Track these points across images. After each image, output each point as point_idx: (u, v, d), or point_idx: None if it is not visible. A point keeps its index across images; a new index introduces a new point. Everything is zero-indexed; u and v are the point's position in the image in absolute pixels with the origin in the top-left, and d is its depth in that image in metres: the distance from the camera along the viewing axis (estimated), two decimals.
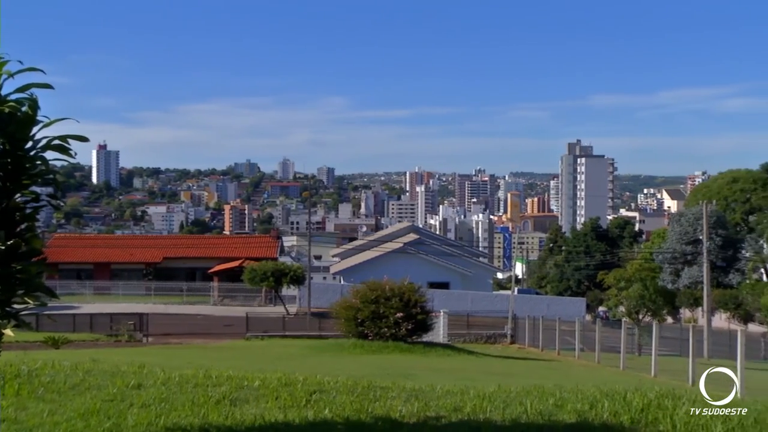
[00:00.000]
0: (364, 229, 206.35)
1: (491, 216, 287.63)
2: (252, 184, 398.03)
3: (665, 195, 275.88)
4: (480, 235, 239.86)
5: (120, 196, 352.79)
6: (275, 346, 25.47)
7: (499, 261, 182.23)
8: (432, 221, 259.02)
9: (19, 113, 4.50)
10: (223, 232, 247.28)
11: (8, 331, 4.75)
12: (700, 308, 48.82)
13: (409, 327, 22.37)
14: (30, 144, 4.59)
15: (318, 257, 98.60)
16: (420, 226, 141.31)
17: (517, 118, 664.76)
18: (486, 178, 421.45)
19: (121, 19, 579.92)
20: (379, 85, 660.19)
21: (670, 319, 47.47)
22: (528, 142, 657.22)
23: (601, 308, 63.45)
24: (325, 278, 78.75)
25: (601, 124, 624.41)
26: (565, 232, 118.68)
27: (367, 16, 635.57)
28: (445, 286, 55.98)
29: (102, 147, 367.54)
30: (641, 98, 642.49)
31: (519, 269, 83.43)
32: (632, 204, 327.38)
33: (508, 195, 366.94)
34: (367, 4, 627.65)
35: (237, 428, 6.04)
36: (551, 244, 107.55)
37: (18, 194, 4.61)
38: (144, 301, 49.81)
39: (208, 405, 6.94)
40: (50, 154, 4.69)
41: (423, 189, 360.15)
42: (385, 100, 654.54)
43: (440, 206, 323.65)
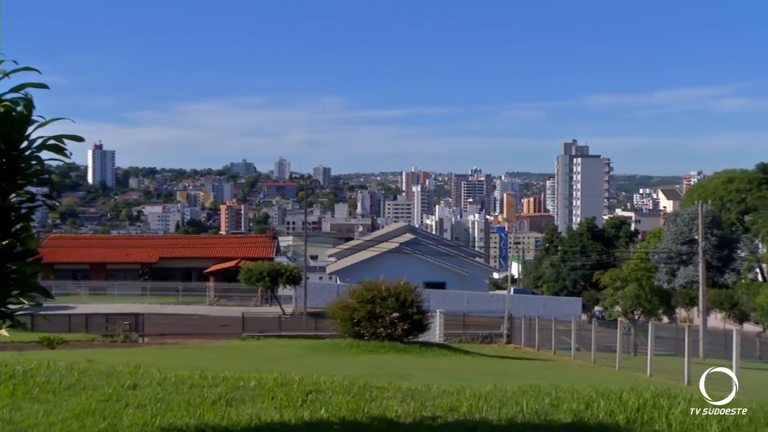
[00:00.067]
0: (361, 229, 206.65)
1: (487, 216, 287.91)
2: (248, 184, 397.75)
3: (661, 195, 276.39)
4: (476, 235, 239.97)
5: (116, 196, 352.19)
6: (271, 346, 25.44)
7: (495, 261, 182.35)
8: (428, 221, 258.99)
9: (14, 113, 4.48)
10: (219, 232, 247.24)
11: (3, 332, 4.73)
12: (695, 308, 48.91)
13: (405, 327, 22.37)
14: (25, 144, 4.57)
15: (314, 257, 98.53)
16: (416, 226, 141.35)
17: (513, 118, 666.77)
18: (482, 178, 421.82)
19: (118, 19, 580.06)
20: (375, 85, 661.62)
21: (665, 319, 47.55)
22: (524, 142, 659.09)
23: (597, 308, 63.54)
24: (321, 278, 78.73)
25: (597, 124, 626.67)
26: (561, 232, 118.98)
27: (364, 17, 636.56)
28: (441, 286, 56.01)
29: (98, 147, 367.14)
30: (637, 98, 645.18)
31: (515, 269, 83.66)
32: (628, 204, 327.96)
33: (504, 195, 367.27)
34: (364, 4, 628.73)
35: (233, 428, 6.03)
36: (547, 244, 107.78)
37: (13, 194, 4.60)
38: (140, 301, 49.76)
39: (204, 405, 6.93)
40: (45, 154, 4.68)
41: (419, 189, 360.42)
42: (381, 100, 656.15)
43: (436, 206, 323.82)
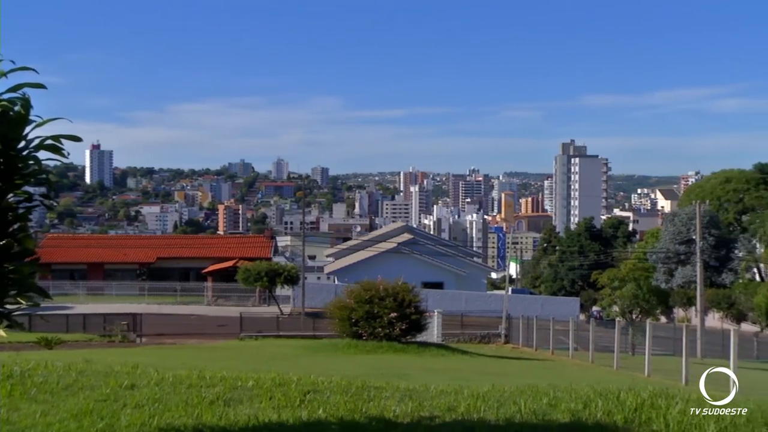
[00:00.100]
0: (358, 229, 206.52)
1: (485, 216, 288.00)
2: (246, 184, 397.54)
3: (659, 195, 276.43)
4: (474, 235, 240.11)
5: (113, 196, 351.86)
6: (269, 346, 25.43)
7: (493, 261, 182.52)
8: (426, 221, 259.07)
9: (11, 113, 4.48)
10: (217, 232, 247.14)
11: (1, 332, 4.73)
12: (693, 308, 48.97)
13: (403, 327, 22.35)
14: (22, 144, 4.57)
15: (312, 257, 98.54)
16: (414, 226, 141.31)
17: (511, 118, 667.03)
18: (480, 178, 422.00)
19: (116, 19, 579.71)
20: (373, 85, 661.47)
21: (663, 319, 47.61)
22: (522, 142, 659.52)
23: (594, 308, 63.60)
24: (319, 278, 78.78)
25: (594, 124, 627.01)
26: (559, 232, 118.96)
27: (361, 17, 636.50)
28: (439, 286, 56.00)
29: (95, 147, 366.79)
30: (635, 98, 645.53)
31: (513, 269, 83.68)
32: (626, 204, 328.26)
33: (502, 195, 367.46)
34: (361, 4, 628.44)
35: (231, 429, 6.02)
36: (545, 244, 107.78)
37: (10, 194, 4.59)
38: (137, 301, 49.70)
39: (201, 405, 6.92)
40: (43, 154, 4.68)
41: (417, 189, 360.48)
42: (379, 100, 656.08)
43: (434, 206, 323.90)
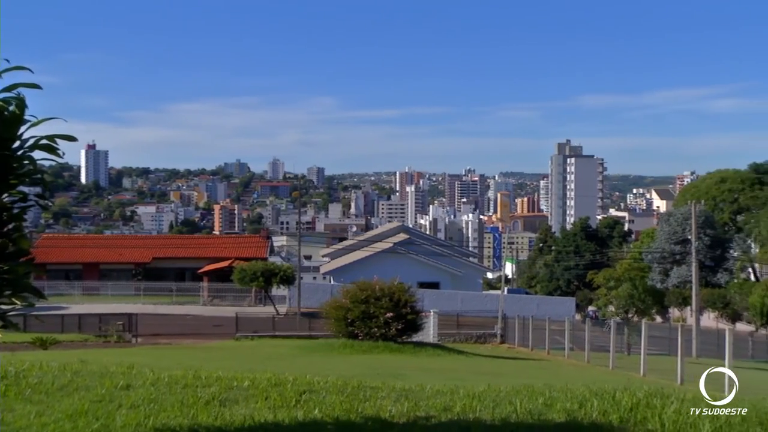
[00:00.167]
0: (354, 229, 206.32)
1: (481, 216, 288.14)
2: (242, 184, 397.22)
3: (654, 195, 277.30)
4: (470, 235, 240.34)
5: (109, 196, 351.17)
6: (265, 347, 25.41)
7: (489, 261, 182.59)
8: (422, 221, 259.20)
9: (6, 112, 4.47)
10: (213, 232, 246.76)
11: None
12: (688, 307, 49.07)
13: (399, 327, 22.36)
14: (17, 143, 4.55)
15: (308, 257, 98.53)
16: (410, 226, 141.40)
17: (507, 118, 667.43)
18: (476, 178, 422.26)
19: (112, 19, 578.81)
20: (369, 85, 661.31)
21: (659, 319, 47.68)
22: (518, 142, 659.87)
23: (590, 308, 63.70)
24: (315, 278, 78.70)
25: (590, 124, 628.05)
26: (554, 232, 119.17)
27: (357, 17, 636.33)
28: (435, 286, 56.04)
29: (91, 147, 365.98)
30: (630, 98, 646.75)
31: (509, 269, 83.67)
32: (622, 204, 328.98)
33: (498, 195, 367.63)
34: (357, 4, 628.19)
35: (226, 429, 6.02)
36: (541, 244, 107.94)
37: (5, 194, 4.58)
38: (133, 301, 49.63)
39: (197, 406, 6.92)
40: (38, 154, 4.66)
41: (413, 189, 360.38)
42: (375, 100, 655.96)
43: (430, 206, 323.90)
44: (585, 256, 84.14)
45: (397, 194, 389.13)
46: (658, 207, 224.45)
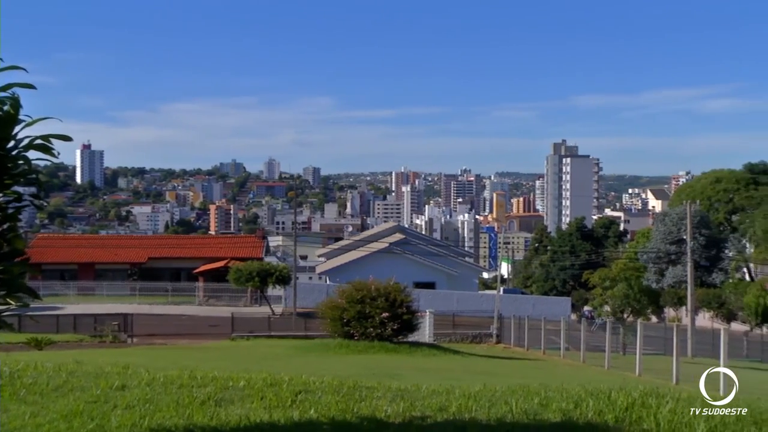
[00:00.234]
0: (350, 229, 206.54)
1: (477, 216, 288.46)
2: (237, 184, 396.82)
3: (650, 195, 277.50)
4: (466, 235, 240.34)
5: (104, 196, 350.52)
6: (261, 347, 25.38)
7: (484, 261, 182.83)
8: (418, 221, 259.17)
9: (0, 112, 4.46)
10: (209, 232, 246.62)
11: None
12: (684, 307, 49.17)
13: (395, 327, 22.35)
14: (12, 143, 4.54)
15: (304, 257, 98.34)
16: (406, 226, 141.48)
17: (503, 118, 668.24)
18: (472, 178, 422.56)
19: (107, 19, 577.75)
20: (365, 85, 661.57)
21: (654, 318, 47.77)
22: (514, 142, 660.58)
23: (586, 308, 63.79)
24: (311, 278, 78.68)
25: (586, 125, 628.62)
26: (550, 232, 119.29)
27: (353, 17, 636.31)
28: (430, 285, 56.06)
29: (86, 147, 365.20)
30: (626, 98, 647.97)
31: (505, 269, 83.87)
32: (617, 204, 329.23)
33: (494, 195, 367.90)
34: (353, 4, 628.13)
35: (222, 429, 6.01)
36: (537, 244, 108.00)
37: (0, 194, 4.57)
38: (129, 301, 49.53)
39: (192, 406, 6.91)
40: (33, 154, 4.65)
41: (409, 189, 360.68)
42: (371, 100, 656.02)
43: (426, 206, 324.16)
44: (581, 256, 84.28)
45: (393, 194, 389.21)
46: (653, 207, 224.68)
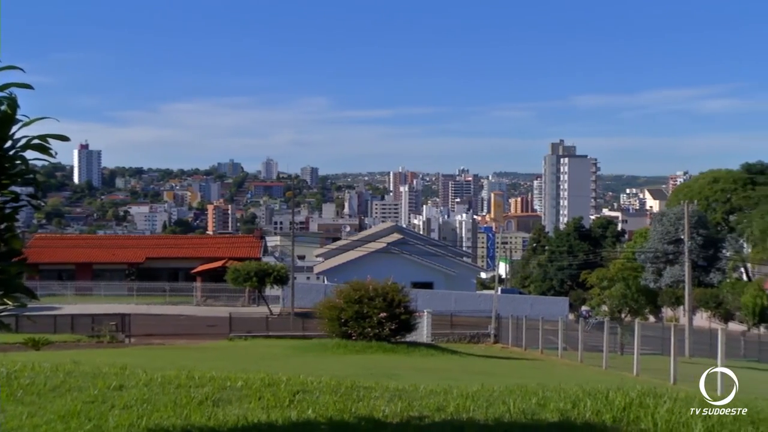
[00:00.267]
0: (348, 229, 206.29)
1: (475, 216, 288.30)
2: (235, 184, 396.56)
3: (647, 195, 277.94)
4: (463, 235, 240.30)
5: (102, 196, 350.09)
6: (258, 347, 25.38)
7: (482, 261, 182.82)
8: (416, 221, 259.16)
9: None
10: (207, 232, 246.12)
11: None
12: (681, 307, 49.29)
13: (393, 327, 22.34)
14: (9, 143, 4.53)
15: (302, 257, 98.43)
16: (404, 226, 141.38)
17: (501, 118, 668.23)
18: (469, 178, 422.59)
19: (104, 18, 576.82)
20: (362, 85, 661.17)
21: (652, 318, 47.84)
22: (511, 142, 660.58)
23: (583, 307, 63.84)
24: (308, 278, 78.73)
25: (584, 125, 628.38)
26: (548, 232, 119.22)
27: (350, 17, 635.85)
28: (428, 285, 56.04)
29: (84, 146, 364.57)
30: (624, 99, 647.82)
31: (502, 269, 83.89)
32: (615, 204, 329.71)
33: (492, 195, 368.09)
34: (351, 4, 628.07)
35: (220, 429, 6.01)
36: (534, 244, 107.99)
37: None
38: (126, 301, 49.45)
39: (190, 406, 6.90)
40: (30, 154, 4.64)
41: (407, 189, 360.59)
42: (368, 100, 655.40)
43: (424, 206, 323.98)
44: (578, 256, 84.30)
45: (391, 194, 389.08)
46: (651, 207, 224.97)
